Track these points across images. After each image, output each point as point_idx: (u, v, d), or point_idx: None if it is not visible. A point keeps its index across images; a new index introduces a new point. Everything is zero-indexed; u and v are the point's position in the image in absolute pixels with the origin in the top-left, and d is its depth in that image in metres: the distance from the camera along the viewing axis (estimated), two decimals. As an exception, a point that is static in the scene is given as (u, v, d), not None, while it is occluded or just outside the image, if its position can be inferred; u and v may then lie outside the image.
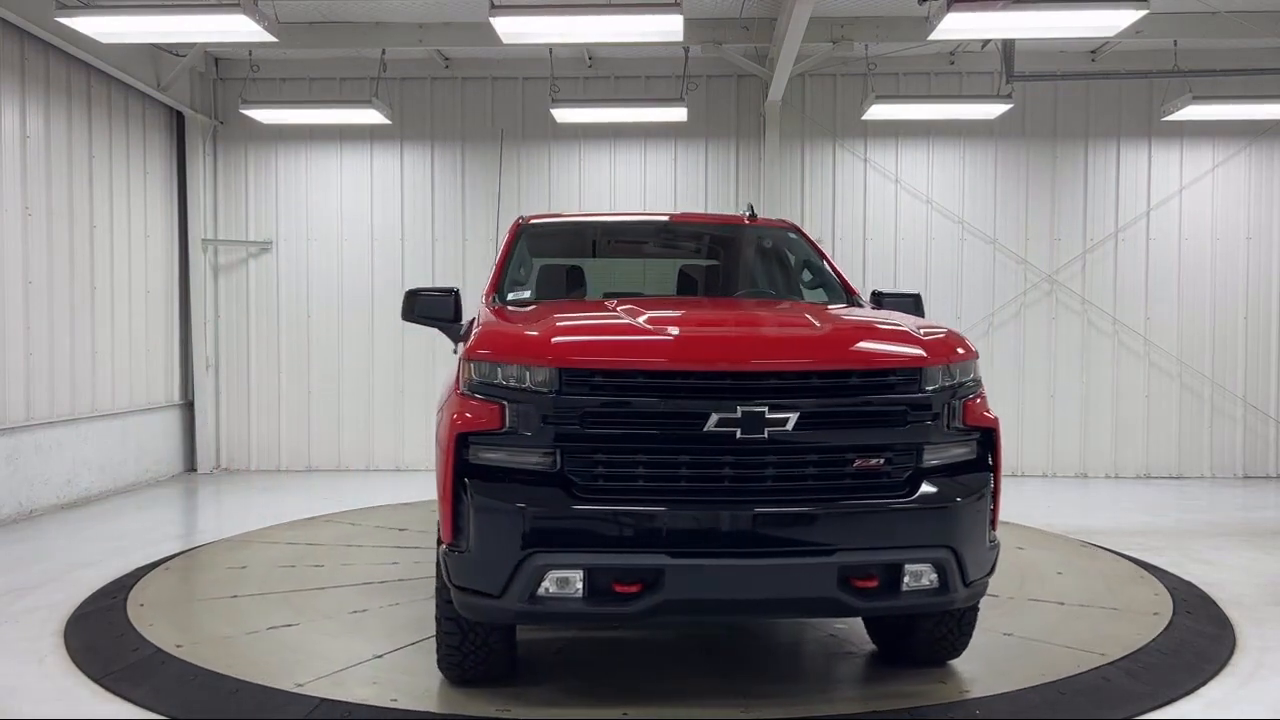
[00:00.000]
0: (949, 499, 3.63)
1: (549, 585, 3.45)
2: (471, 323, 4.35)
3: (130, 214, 9.48)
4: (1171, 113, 9.37)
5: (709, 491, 3.52)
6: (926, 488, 3.62)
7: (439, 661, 4.06)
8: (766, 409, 3.47)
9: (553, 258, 5.67)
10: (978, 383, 3.89)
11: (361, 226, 10.52)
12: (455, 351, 5.30)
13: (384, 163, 10.52)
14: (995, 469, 3.80)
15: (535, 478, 3.53)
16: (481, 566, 3.52)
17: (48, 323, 8.25)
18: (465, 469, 3.56)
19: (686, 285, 5.68)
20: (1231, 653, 4.65)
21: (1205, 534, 7.42)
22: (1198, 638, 4.86)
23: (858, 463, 3.59)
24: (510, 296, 4.85)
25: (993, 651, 4.57)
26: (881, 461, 3.61)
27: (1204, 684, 4.26)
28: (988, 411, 3.86)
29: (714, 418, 3.46)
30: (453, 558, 3.62)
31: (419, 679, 4.19)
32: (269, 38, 7.23)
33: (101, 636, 4.83)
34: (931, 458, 3.68)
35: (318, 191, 10.54)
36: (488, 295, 4.82)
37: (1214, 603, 5.47)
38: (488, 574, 3.51)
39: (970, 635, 4.26)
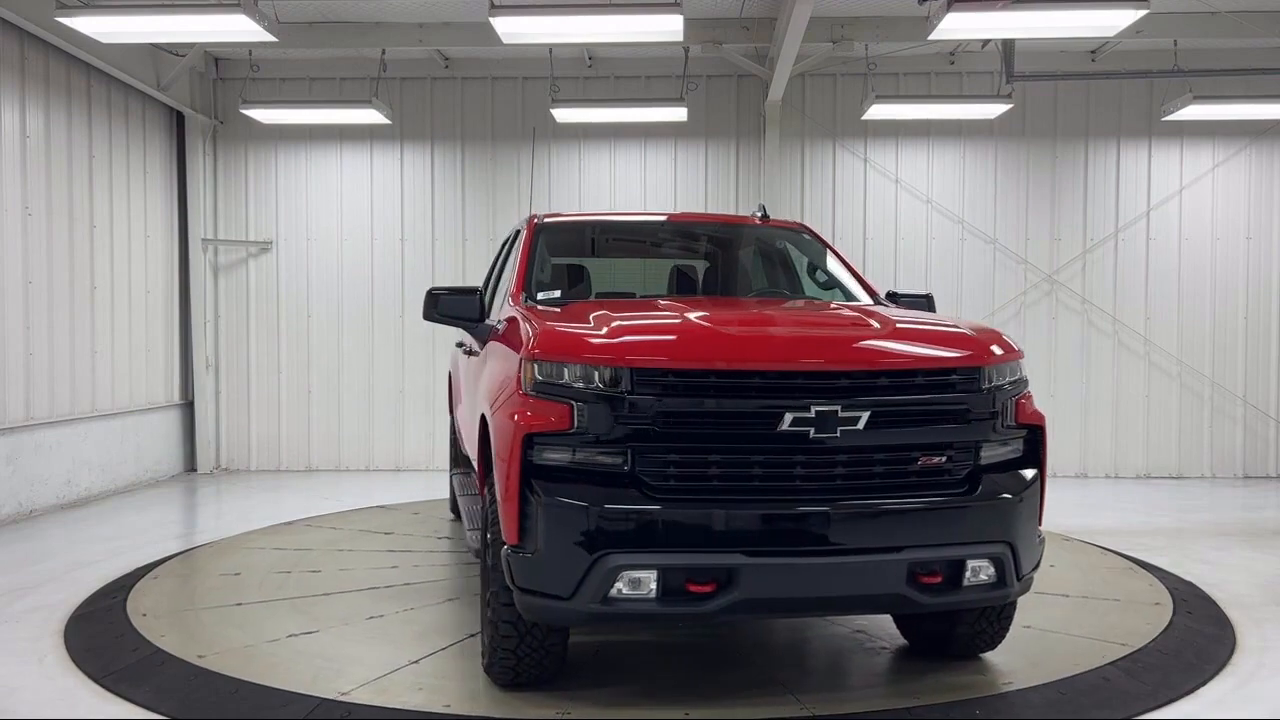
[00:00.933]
0: (1007, 495, 3.73)
1: (622, 586, 3.45)
2: (511, 321, 4.30)
3: (130, 214, 9.48)
4: (1171, 113, 9.37)
5: (782, 490, 3.55)
6: (985, 484, 3.72)
7: (489, 665, 4.00)
8: (839, 408, 3.52)
9: (570, 257, 5.65)
10: (1025, 381, 4.00)
11: (361, 226, 10.52)
12: (471, 351, 5.34)
13: (384, 163, 10.52)
14: (1042, 465, 3.92)
15: (606, 478, 3.51)
16: (551, 568, 3.49)
17: (48, 323, 8.25)
18: (532, 470, 3.54)
19: (708, 285, 5.68)
20: (1231, 653, 4.65)
21: (1205, 534, 7.43)
22: (1198, 638, 4.86)
23: (922, 461, 3.67)
24: (540, 296, 4.80)
25: (1016, 644, 4.61)
26: (944, 459, 3.70)
27: (1204, 684, 4.25)
28: (1035, 409, 3.97)
29: (788, 417, 3.50)
30: (518, 560, 3.58)
31: (466, 683, 4.14)
32: (269, 38, 7.23)
33: (101, 636, 4.83)
34: (988, 455, 3.79)
35: (318, 191, 10.54)
36: (516, 294, 4.77)
37: (1214, 603, 5.47)
38: (558, 576, 3.48)
39: (1009, 628, 4.35)
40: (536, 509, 3.49)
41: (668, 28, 7.12)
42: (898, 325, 4.04)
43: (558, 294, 4.88)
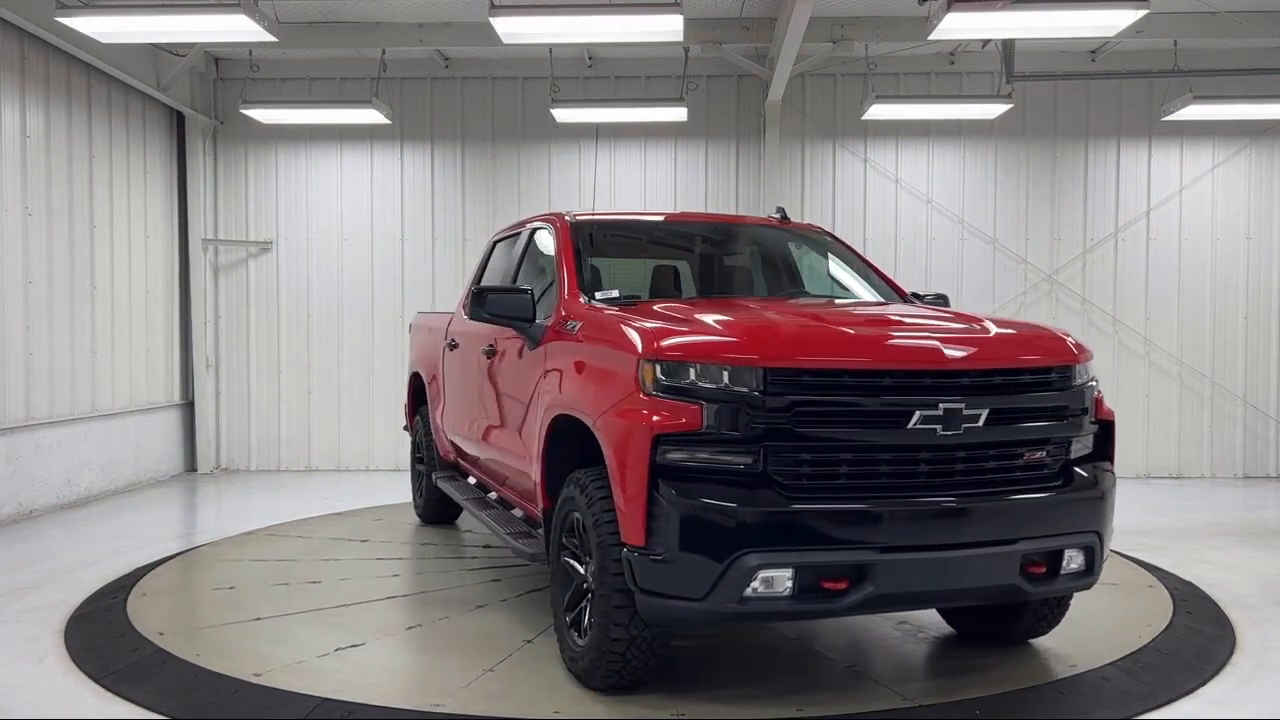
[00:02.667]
0: (1096, 487, 3.98)
1: (757, 585, 3.46)
2: (597, 321, 4.29)
3: (130, 214, 9.48)
4: (1171, 113, 9.37)
5: (911, 487, 3.66)
6: (1078, 477, 3.95)
7: (589, 669, 3.95)
8: (964, 406, 3.65)
9: (598, 256, 5.58)
10: (1097, 379, 4.21)
11: (361, 226, 10.52)
12: (493, 351, 5.30)
13: (384, 163, 10.52)
14: (1112, 458, 4.19)
15: (740, 478, 3.52)
16: (684, 569, 3.49)
17: (48, 323, 8.25)
18: (661, 471, 3.54)
19: (740, 285, 5.68)
20: (1231, 653, 4.65)
21: (1205, 534, 7.43)
22: (1198, 638, 4.86)
23: (1026, 456, 3.85)
24: (599, 295, 4.74)
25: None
26: (1044, 454, 3.89)
27: (1204, 684, 4.26)
28: (1107, 406, 4.22)
29: (917, 415, 3.60)
30: (645, 563, 3.56)
31: (557, 689, 4.08)
32: (269, 38, 7.22)
33: (101, 636, 4.83)
34: (1076, 449, 4.02)
35: (318, 191, 10.54)
36: (574, 294, 4.69)
37: (1214, 603, 5.47)
38: (690, 577, 3.49)
39: (1065, 613, 4.56)
40: (667, 510, 3.49)
41: (668, 28, 7.12)
42: (993, 325, 4.18)
43: (616, 294, 4.81)
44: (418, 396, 7.62)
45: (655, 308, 4.41)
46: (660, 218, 6.48)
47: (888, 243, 10.23)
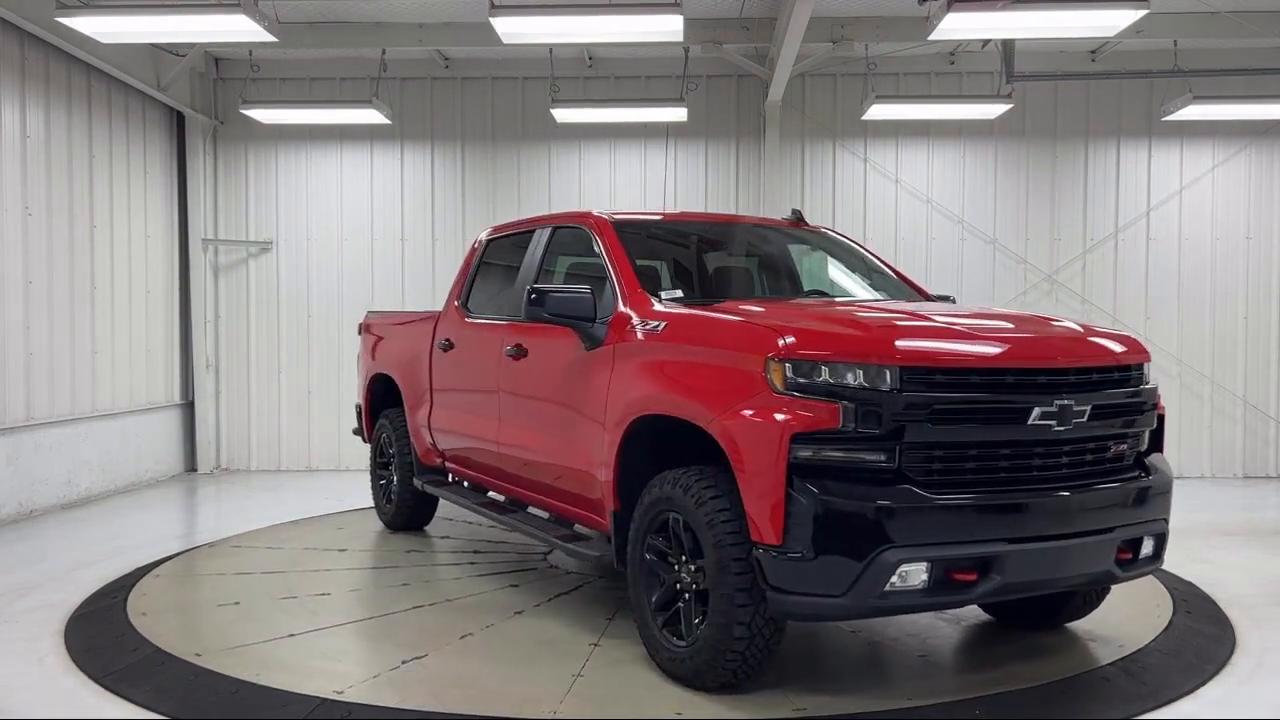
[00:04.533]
0: (1165, 476, 4.26)
1: (896, 580, 3.55)
2: (691, 321, 4.31)
3: (130, 214, 9.48)
4: (1171, 113, 9.37)
5: (1030, 480, 3.84)
6: (1150, 468, 4.23)
7: (702, 668, 3.94)
8: (1073, 402, 3.85)
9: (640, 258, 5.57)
10: None
11: (361, 226, 10.52)
12: (520, 351, 5.22)
13: (384, 163, 10.52)
14: (1162, 450, 4.43)
15: (877, 475, 3.61)
16: (824, 566, 3.55)
17: (48, 322, 8.25)
18: (797, 470, 3.58)
19: (782, 286, 5.69)
20: (1231, 653, 4.65)
21: (1205, 534, 7.43)
22: (1198, 638, 4.86)
23: (1113, 449, 4.11)
24: (664, 295, 4.72)
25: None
26: (1125, 447, 4.16)
27: (1204, 684, 4.26)
28: (1160, 401, 4.45)
29: (1036, 411, 3.77)
30: (781, 561, 3.59)
31: (660, 690, 4.06)
32: (269, 38, 7.23)
33: (101, 636, 4.83)
34: (1144, 442, 4.28)
35: (318, 191, 10.54)
36: (638, 294, 4.66)
37: (1214, 603, 5.47)
38: (831, 573, 3.55)
39: (1106, 597, 4.83)
40: (807, 509, 3.53)
41: (668, 28, 7.12)
42: (1085, 328, 4.41)
43: (680, 294, 4.81)
44: (379, 401, 7.39)
45: (743, 308, 4.48)
46: (687, 219, 6.42)
47: (887, 243, 10.22)
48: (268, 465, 10.59)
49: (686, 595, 4.04)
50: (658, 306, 4.56)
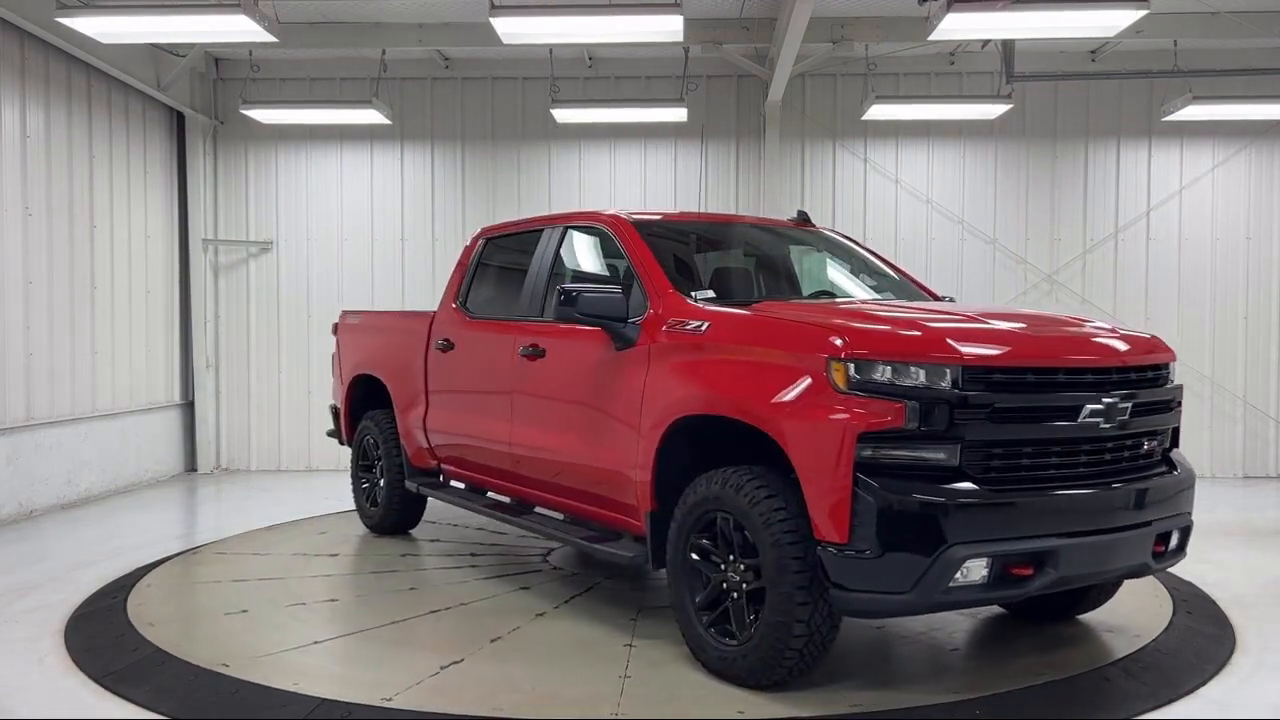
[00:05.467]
0: (1189, 471, 4.43)
1: (960, 575, 3.61)
2: (741, 321, 4.35)
3: (130, 214, 9.48)
4: (1171, 113, 9.37)
5: (1077, 476, 3.95)
6: (1176, 464, 4.39)
7: (757, 666, 3.96)
8: (1118, 400, 3.98)
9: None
10: None
11: (361, 226, 10.52)
12: (535, 351, 5.19)
13: (384, 163, 10.52)
14: (1178, 446, 4.60)
15: (939, 473, 3.67)
16: (891, 564, 3.59)
17: (48, 322, 8.25)
18: (864, 468, 3.63)
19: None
20: (1231, 653, 4.66)
21: (1205, 534, 7.37)
22: (1198, 638, 4.87)
23: (1147, 445, 4.27)
24: (698, 295, 4.71)
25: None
26: (1156, 443, 4.33)
27: (1204, 684, 4.26)
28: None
29: (1086, 409, 3.89)
30: (846, 559, 3.64)
31: (710, 689, 4.07)
32: (269, 38, 7.23)
33: (101, 636, 4.83)
34: (1169, 439, 4.47)
35: (318, 192, 10.54)
36: (671, 295, 4.66)
37: (1214, 603, 5.48)
38: (897, 571, 3.60)
39: (1119, 589, 4.98)
40: (873, 507, 3.58)
41: (668, 28, 7.13)
42: (1118, 329, 4.51)
43: (712, 294, 4.81)
44: (360, 402, 7.25)
45: (787, 309, 4.55)
46: (702, 220, 6.41)
47: (888, 243, 10.21)
48: (268, 465, 10.59)
49: (735, 594, 4.06)
50: (696, 307, 4.57)
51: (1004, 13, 6.70)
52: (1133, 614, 5.17)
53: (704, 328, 4.37)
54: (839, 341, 3.78)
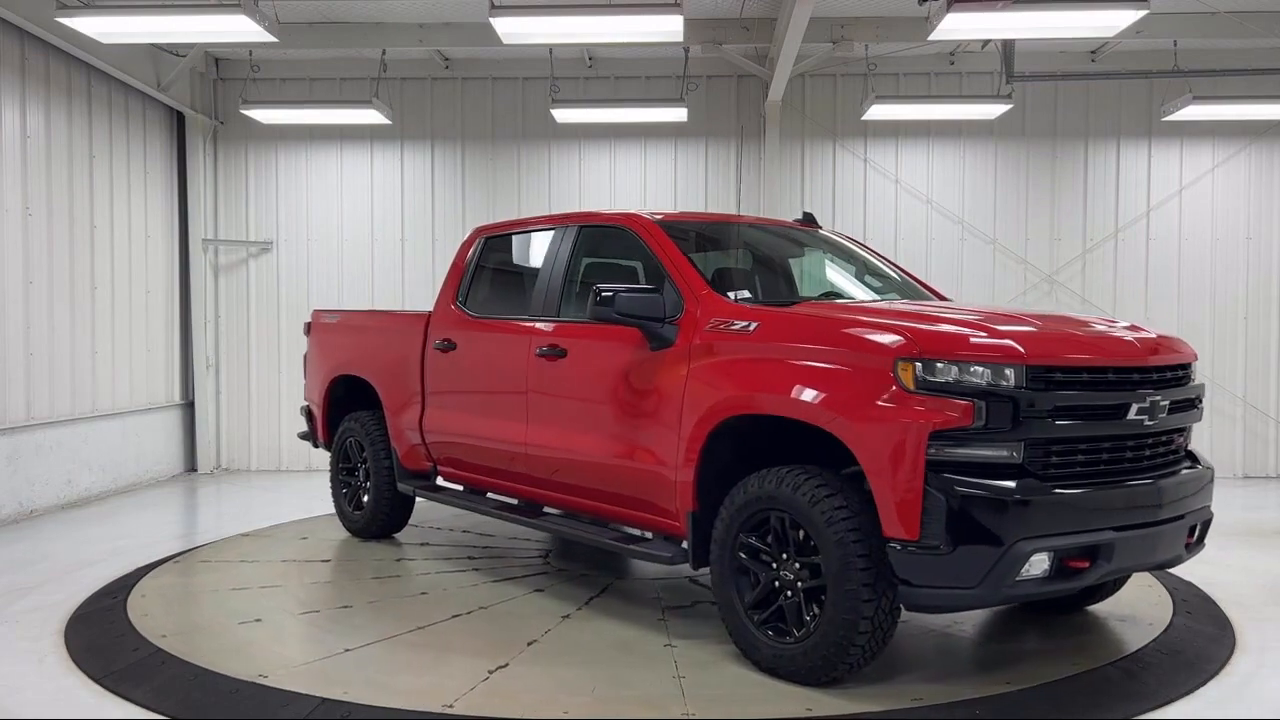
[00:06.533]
0: (1209, 466, 4.55)
1: (1024, 570, 3.71)
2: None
3: (130, 214, 9.48)
4: (1171, 113, 9.37)
5: (1130, 471, 4.10)
6: (1198, 458, 4.54)
7: (820, 663, 3.99)
8: (1160, 398, 4.13)
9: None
10: None
11: (361, 226, 10.53)
12: (556, 351, 5.17)
13: (384, 163, 10.52)
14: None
15: (1006, 470, 3.76)
16: (961, 559, 3.68)
17: (48, 323, 8.25)
18: (935, 466, 3.71)
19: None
20: (1231, 653, 4.66)
21: (1205, 534, 7.41)
22: (1198, 638, 4.87)
23: (1177, 441, 4.41)
24: (733, 296, 4.74)
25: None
26: (1183, 439, 4.47)
27: (1204, 684, 4.26)
28: None
29: (1134, 407, 4.03)
30: (916, 555, 3.71)
31: (768, 687, 4.10)
32: (269, 38, 7.23)
33: (101, 636, 4.83)
34: (1190, 436, 4.59)
35: (318, 192, 10.54)
36: (709, 295, 4.66)
37: (1214, 603, 5.48)
38: (967, 565, 3.68)
39: (1127, 580, 5.16)
40: (945, 504, 3.66)
41: (668, 28, 7.12)
42: (1139, 328, 4.61)
43: (748, 294, 4.85)
44: (339, 403, 7.09)
45: (826, 308, 4.63)
46: (725, 220, 6.41)
47: (888, 243, 10.22)
48: (268, 465, 10.59)
49: (788, 593, 4.11)
50: (740, 306, 4.60)
51: (1004, 13, 6.70)
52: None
53: (752, 327, 4.39)
54: (907, 342, 3.85)
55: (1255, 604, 5.47)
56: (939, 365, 3.77)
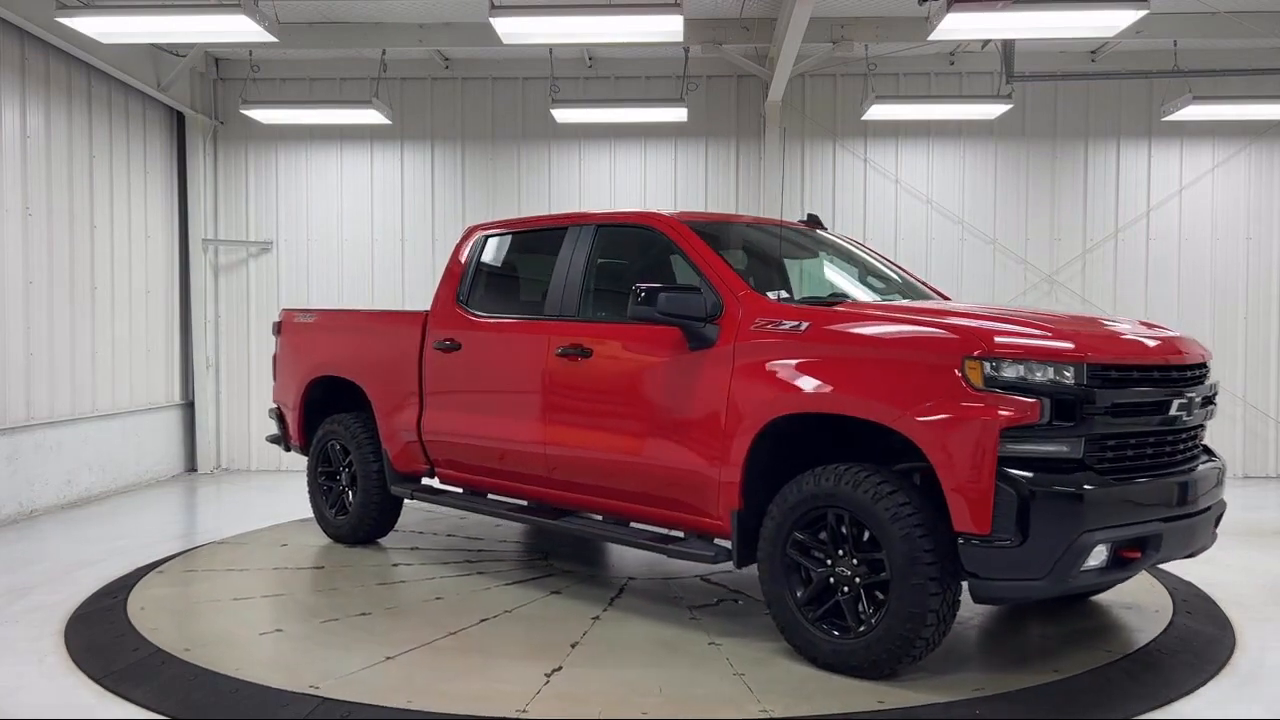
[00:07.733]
0: (1224, 460, 4.74)
1: (1089, 560, 3.87)
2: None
3: (130, 214, 9.48)
4: (1171, 113, 9.37)
5: (1171, 465, 4.29)
6: (1213, 453, 4.71)
7: (884, 656, 4.07)
8: (1196, 394, 4.36)
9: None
10: None
11: (361, 226, 10.53)
12: (579, 352, 5.12)
13: (384, 163, 10.52)
14: None
15: (1067, 465, 3.90)
16: (1030, 552, 3.79)
17: (48, 323, 8.25)
18: (1009, 462, 3.83)
19: (827, 287, 5.74)
20: (1231, 653, 4.66)
21: (1205, 534, 7.41)
22: (1198, 638, 4.87)
23: (1199, 435, 4.58)
24: (771, 295, 4.81)
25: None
26: (1201, 434, 4.63)
27: (1204, 684, 4.26)
28: None
29: (1175, 403, 4.23)
30: (987, 549, 3.83)
31: (833, 681, 4.14)
32: (269, 38, 7.23)
33: (101, 636, 4.83)
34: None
35: (318, 192, 10.54)
36: (750, 294, 4.68)
37: (1214, 603, 5.48)
38: (1036, 558, 3.80)
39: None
40: (1017, 499, 3.78)
41: (668, 28, 7.12)
42: (1155, 327, 4.78)
43: (785, 294, 4.94)
44: (316, 405, 6.91)
45: (873, 308, 4.79)
46: (741, 221, 6.38)
47: (887, 243, 10.22)
48: (268, 465, 10.58)
49: (846, 589, 4.18)
50: (786, 306, 4.66)
51: (1004, 13, 6.70)
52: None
53: (804, 327, 4.41)
54: (975, 341, 3.96)
55: (1255, 604, 5.47)
56: (1007, 364, 3.89)
